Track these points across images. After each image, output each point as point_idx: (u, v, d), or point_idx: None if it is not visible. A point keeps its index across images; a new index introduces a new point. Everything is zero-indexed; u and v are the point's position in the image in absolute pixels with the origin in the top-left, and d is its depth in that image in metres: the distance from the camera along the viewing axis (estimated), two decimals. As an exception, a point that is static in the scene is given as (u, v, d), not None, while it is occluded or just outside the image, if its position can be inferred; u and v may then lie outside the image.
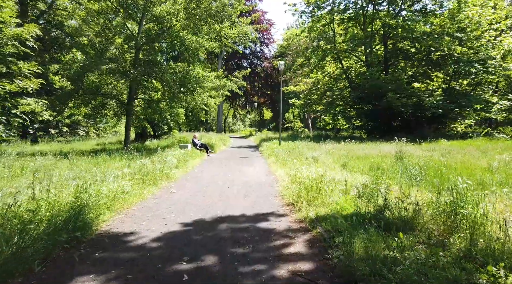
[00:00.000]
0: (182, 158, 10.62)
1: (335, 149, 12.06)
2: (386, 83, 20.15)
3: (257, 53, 39.84)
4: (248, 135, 38.90)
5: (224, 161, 12.52)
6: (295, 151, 12.26)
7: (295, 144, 14.33)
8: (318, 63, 23.74)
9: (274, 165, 10.29)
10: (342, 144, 14.39)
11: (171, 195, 6.51)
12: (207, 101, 17.22)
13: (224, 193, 6.61)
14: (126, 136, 15.68)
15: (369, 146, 13.07)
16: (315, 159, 9.70)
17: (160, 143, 18.72)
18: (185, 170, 9.67)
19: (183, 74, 15.04)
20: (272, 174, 9.12)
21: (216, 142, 18.62)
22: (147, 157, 10.13)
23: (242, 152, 16.57)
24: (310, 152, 11.57)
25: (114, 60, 14.04)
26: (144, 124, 18.53)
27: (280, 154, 11.73)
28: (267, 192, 6.72)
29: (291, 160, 9.66)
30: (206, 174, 9.16)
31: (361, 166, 8.49)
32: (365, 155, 10.20)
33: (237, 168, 10.48)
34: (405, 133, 20.48)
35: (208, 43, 15.44)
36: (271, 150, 13.91)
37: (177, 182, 7.89)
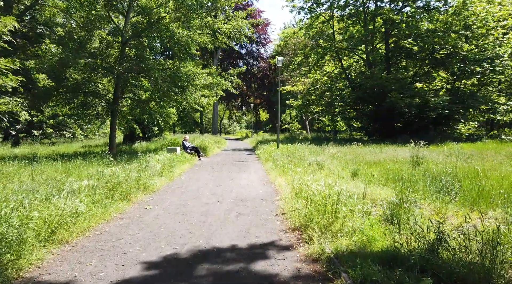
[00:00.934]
0: (168, 164, 9.20)
1: (340, 152, 10.72)
2: (389, 83, 18.91)
3: (253, 53, 38.52)
4: (244, 137, 37.52)
5: (216, 166, 11.12)
6: (295, 154, 10.91)
7: (295, 147, 12.98)
8: (317, 62, 22.45)
9: (273, 172, 8.93)
10: (345, 147, 13.06)
11: (144, 213, 5.10)
12: (199, 100, 15.83)
13: (211, 211, 5.21)
14: (111, 138, 14.21)
15: (376, 150, 11.76)
16: (320, 165, 8.35)
17: (149, 145, 17.29)
18: (170, 178, 8.26)
19: (172, 71, 13.65)
20: (271, 182, 7.75)
21: (209, 144, 17.22)
22: (127, 162, 8.72)
23: (237, 155, 15.19)
24: (312, 156, 10.22)
25: (95, 54, 12.59)
26: (132, 125, 17.03)
27: (278, 158, 10.37)
28: (266, 209, 5.34)
29: (292, 166, 8.30)
30: (193, 183, 7.76)
31: (375, 173, 7.15)
32: (376, 160, 8.88)
33: (231, 175, 9.09)
34: (408, 136, 19.31)
35: (201, 38, 14.06)
36: (268, 153, 12.55)
37: (157, 194, 6.48)
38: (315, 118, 36.58)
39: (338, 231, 3.69)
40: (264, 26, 36.68)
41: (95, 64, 12.43)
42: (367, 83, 20.09)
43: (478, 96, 19.00)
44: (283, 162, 9.30)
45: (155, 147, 16.56)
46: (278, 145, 13.71)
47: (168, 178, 8.17)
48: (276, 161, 10.13)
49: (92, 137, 24.03)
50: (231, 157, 14.33)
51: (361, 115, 23.32)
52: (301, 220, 4.25)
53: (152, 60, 13.47)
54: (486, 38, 18.55)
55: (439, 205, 4.85)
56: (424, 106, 18.66)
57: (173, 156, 10.73)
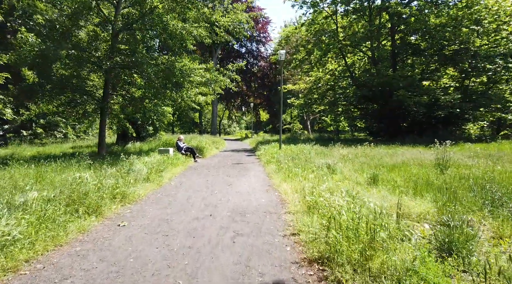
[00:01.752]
0: (157, 167, 8.02)
1: (350, 154, 9.54)
2: (396, 80, 17.75)
3: (253, 52, 37.37)
4: (243, 138, 36.34)
5: (212, 169, 9.93)
6: (300, 156, 9.73)
7: (299, 148, 11.81)
8: (319, 59, 21.27)
9: (276, 176, 7.75)
10: (354, 148, 11.88)
11: (115, 233, 3.92)
12: (196, 98, 14.65)
13: (201, 230, 4.03)
14: (100, 138, 13.01)
15: (389, 151, 10.59)
16: (331, 169, 7.17)
17: (143, 146, 16.10)
18: (158, 183, 7.08)
19: (166, 66, 12.49)
20: (274, 189, 6.57)
21: (206, 145, 16.03)
22: (111, 165, 7.55)
23: (236, 157, 14.00)
24: (320, 158, 9.04)
25: (82, 47, 11.42)
26: (125, 124, 15.84)
27: (282, 161, 9.19)
28: (270, 226, 4.16)
29: (300, 170, 7.12)
30: (184, 190, 6.57)
31: (399, 180, 5.98)
32: (394, 163, 7.70)
33: (228, 179, 7.90)
34: (415, 136, 18.16)
35: (197, 31, 12.89)
36: (270, 155, 11.37)
37: (138, 205, 5.29)
38: (316, 118, 35.45)
39: (380, 270, 2.51)
40: (264, 25, 35.59)
41: (80, 58, 11.26)
42: (372, 81, 18.94)
43: (490, 94, 17.85)
44: (288, 165, 8.11)
45: (149, 147, 15.39)
46: (280, 146, 12.53)
47: (156, 183, 6.99)
48: (279, 164, 8.95)
49: (85, 137, 22.83)
50: (230, 159, 13.15)
51: (366, 115, 22.16)
52: (321, 248, 3.06)
53: (144, 54, 12.29)
54: (498, 33, 17.42)
55: (497, 223, 3.68)
56: (433, 105, 17.50)
57: (164, 158, 9.54)
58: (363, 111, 22.30)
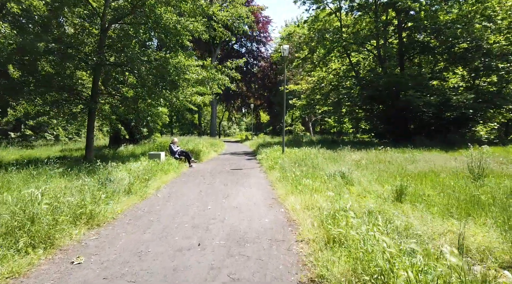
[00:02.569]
0: (143, 174, 6.88)
1: (364, 159, 8.39)
2: (405, 80, 16.65)
3: (253, 52, 36.30)
4: (243, 140, 35.20)
5: (208, 176, 8.79)
6: (306, 161, 8.59)
7: (304, 152, 10.67)
8: (323, 58, 20.16)
9: (280, 185, 6.61)
10: (364, 151, 10.75)
11: (61, 278, 2.77)
12: (192, 98, 13.55)
13: (181, 273, 2.87)
14: (88, 141, 11.86)
15: (404, 155, 9.45)
16: (346, 179, 6.04)
17: (136, 149, 14.98)
18: (142, 196, 5.93)
19: (159, 63, 11.39)
20: (280, 203, 5.43)
21: (204, 147, 14.89)
22: (88, 174, 6.42)
23: (236, 161, 12.86)
24: (330, 164, 7.92)
25: (66, 42, 10.32)
26: (117, 126, 14.73)
27: (286, 167, 8.07)
28: (279, 265, 3.00)
29: (309, 180, 5.98)
30: (170, 205, 5.43)
31: (432, 193, 4.85)
32: (418, 171, 6.56)
33: (225, 189, 6.76)
34: (424, 138, 17.04)
35: (193, 25, 11.78)
36: (272, 159, 10.23)
37: (109, 228, 4.15)
38: (318, 120, 34.33)
39: None
40: (264, 24, 34.56)
41: (64, 52, 10.14)
42: (379, 81, 17.83)
43: (504, 94, 16.75)
44: (294, 173, 6.97)
45: (142, 150, 14.29)
46: (283, 149, 11.38)
47: (139, 196, 5.84)
48: (283, 170, 7.82)
49: (78, 139, 21.68)
50: (228, 163, 12.00)
51: (371, 116, 21.03)
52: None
53: (135, 50, 11.18)
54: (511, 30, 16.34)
55: None
56: (443, 105, 16.38)
57: (154, 164, 8.40)
58: (368, 112, 21.18)
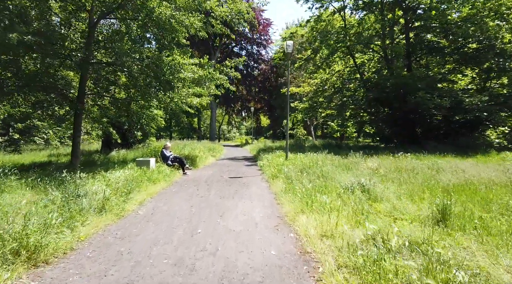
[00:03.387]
0: (125, 187, 5.77)
1: (382, 167, 7.26)
2: (414, 81, 15.60)
3: (254, 55, 35.37)
4: (243, 144, 34.10)
5: (203, 186, 7.66)
6: (314, 170, 7.48)
7: (310, 158, 9.57)
8: (326, 58, 19.13)
9: (287, 199, 5.50)
10: (376, 157, 9.63)
11: None
12: (188, 99, 12.51)
13: None
14: (74, 146, 10.75)
15: (425, 161, 8.33)
16: (368, 193, 4.93)
17: (129, 154, 13.88)
18: (119, 214, 4.81)
19: (152, 60, 10.35)
20: (288, 225, 4.31)
21: (201, 152, 13.78)
22: (58, 187, 5.33)
23: (235, 168, 11.75)
24: (342, 172, 6.81)
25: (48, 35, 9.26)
26: (108, 129, 13.64)
27: (292, 176, 6.96)
28: None
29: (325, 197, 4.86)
30: (151, 228, 4.30)
31: (484, 215, 3.73)
32: (453, 183, 5.45)
33: (221, 204, 5.63)
34: (434, 142, 15.96)
35: (189, 20, 10.76)
36: (275, 166, 9.11)
37: (60, 266, 3.02)
38: (319, 124, 33.24)
39: None
40: (265, 27, 33.69)
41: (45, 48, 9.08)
42: (386, 82, 16.80)
43: (519, 96, 15.69)
44: (302, 184, 5.85)
45: (135, 155, 13.18)
46: (287, 155, 10.26)
47: (115, 213, 4.72)
48: (289, 180, 6.71)
49: (71, 143, 20.53)
50: (227, 170, 10.89)
51: (376, 119, 19.94)
52: None
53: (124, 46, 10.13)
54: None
55: None
56: (455, 108, 15.31)
57: (139, 172, 7.28)
58: (373, 116, 20.09)
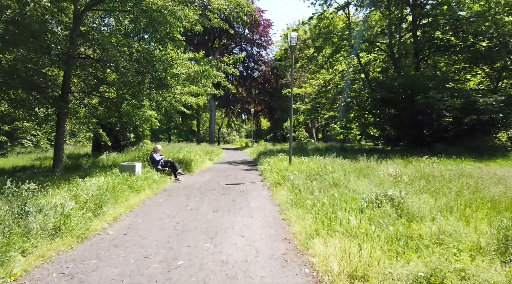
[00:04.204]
0: (97, 198, 4.67)
1: (404, 174, 6.14)
2: (423, 80, 14.56)
3: (254, 56, 34.39)
4: (243, 147, 33.00)
5: (196, 194, 6.56)
6: (323, 176, 6.39)
7: (316, 162, 8.48)
8: (330, 57, 18.10)
9: (295, 214, 4.40)
10: (391, 161, 8.53)
11: None
12: (181, 98, 11.44)
13: None
14: (56, 149, 9.69)
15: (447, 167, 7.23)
16: (399, 208, 3.83)
17: (119, 157, 12.76)
18: (81, 235, 3.70)
19: (142, 55, 9.31)
20: (300, 254, 3.20)
21: (197, 156, 12.67)
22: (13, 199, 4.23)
23: (233, 173, 10.65)
24: (356, 179, 5.72)
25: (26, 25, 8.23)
26: (97, 131, 12.58)
27: (299, 184, 5.87)
28: None
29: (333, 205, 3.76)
30: (115, 260, 3.19)
31: None
32: (493, 196, 4.36)
33: (213, 221, 4.53)
34: (444, 145, 14.89)
35: (182, 11, 9.72)
36: (278, 172, 8.01)
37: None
38: (320, 126, 32.19)
39: None
40: (265, 27, 32.77)
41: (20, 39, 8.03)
42: (393, 82, 15.76)
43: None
44: (316, 197, 4.76)
45: (126, 159, 12.07)
46: (291, 159, 9.16)
47: (76, 235, 3.62)
48: (296, 189, 5.62)
49: (62, 146, 19.41)
50: (224, 175, 9.78)
51: (381, 121, 18.87)
52: None
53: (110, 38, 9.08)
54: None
55: None
56: (468, 108, 14.24)
57: (120, 180, 6.18)
58: (378, 117, 19.02)
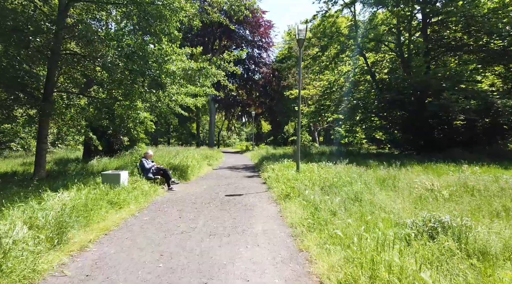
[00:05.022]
0: (61, 219, 3.60)
1: (442, 187, 5.05)
2: (438, 80, 13.56)
3: (255, 58, 33.43)
4: (244, 150, 31.94)
5: (189, 211, 5.48)
6: (339, 187, 5.34)
7: (328, 170, 7.42)
8: (335, 57, 17.12)
9: (316, 242, 3.34)
10: (410, 169, 7.46)
11: None
12: (177, 98, 10.38)
13: None
14: (38, 154, 8.62)
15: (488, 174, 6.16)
16: (466, 242, 2.75)
17: (111, 163, 11.65)
18: (24, 279, 2.65)
19: (132, 49, 8.27)
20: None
21: (194, 161, 11.58)
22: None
23: (234, 180, 9.57)
24: (384, 193, 4.65)
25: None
26: (87, 134, 11.52)
27: (313, 197, 4.81)
28: None
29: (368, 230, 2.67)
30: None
31: None
32: None
33: (208, 253, 3.44)
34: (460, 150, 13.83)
35: (178, 3, 8.70)
36: (285, 181, 6.94)
37: None
38: (322, 129, 31.18)
39: None
40: (266, 29, 31.83)
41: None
42: (404, 83, 14.75)
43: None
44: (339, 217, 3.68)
45: (119, 164, 11.00)
46: (298, 166, 8.08)
47: (14, 281, 2.56)
48: (312, 207, 4.56)
49: (53, 150, 18.40)
50: (224, 184, 8.70)
51: (389, 124, 17.83)
52: None
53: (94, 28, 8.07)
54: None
55: None
56: (485, 110, 13.22)
57: (97, 194, 5.10)
58: (386, 120, 17.97)
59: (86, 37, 7.35)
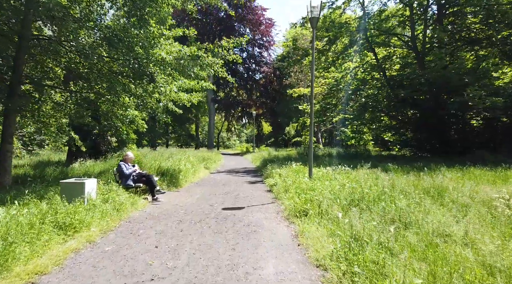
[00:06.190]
0: None
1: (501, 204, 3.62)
2: (459, 75, 12.12)
3: (255, 58, 32.05)
4: (244, 152, 30.46)
5: (173, 235, 3.99)
6: (372, 201, 3.88)
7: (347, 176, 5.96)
8: (342, 52, 15.69)
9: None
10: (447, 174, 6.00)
11: None
12: (172, 94, 8.93)
13: None
14: (2, 157, 7.13)
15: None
16: None
17: (95, 166, 10.16)
18: None
19: (113, 30, 6.80)
20: None
21: (189, 164, 10.08)
22: None
23: (233, 188, 8.07)
24: (441, 211, 3.16)
25: None
26: (70, 134, 10.05)
27: (341, 218, 3.33)
28: None
29: None
30: None
31: None
32: None
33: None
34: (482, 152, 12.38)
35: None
36: (297, 190, 5.44)
37: None
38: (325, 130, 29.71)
39: None
40: (267, 27, 30.48)
41: None
42: (420, 78, 13.29)
43: None
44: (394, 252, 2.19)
45: (104, 168, 9.49)
46: (311, 172, 6.58)
47: None
48: (347, 235, 3.08)
49: (39, 151, 16.89)
50: (222, 193, 7.21)
51: (402, 124, 16.35)
52: None
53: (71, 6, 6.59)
54: None
55: None
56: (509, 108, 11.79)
57: (43, 212, 3.61)
58: (397, 119, 16.49)
59: (52, 13, 5.88)
